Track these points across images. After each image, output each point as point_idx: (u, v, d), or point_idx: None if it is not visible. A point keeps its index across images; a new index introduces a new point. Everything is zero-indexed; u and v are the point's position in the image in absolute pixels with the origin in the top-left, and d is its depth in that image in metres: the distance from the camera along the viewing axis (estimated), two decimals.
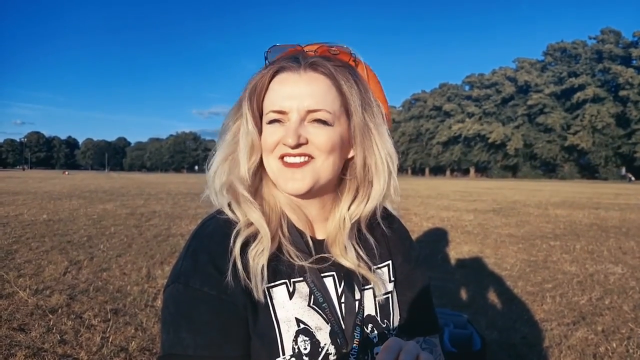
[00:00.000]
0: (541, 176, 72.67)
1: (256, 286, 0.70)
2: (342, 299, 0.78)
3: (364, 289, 0.81)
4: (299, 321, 0.73)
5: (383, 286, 0.84)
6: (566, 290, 3.79)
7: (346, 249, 0.79)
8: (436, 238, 6.41)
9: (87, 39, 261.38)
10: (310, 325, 0.74)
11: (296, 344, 0.72)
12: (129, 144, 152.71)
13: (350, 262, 0.79)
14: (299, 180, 0.72)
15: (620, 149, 65.20)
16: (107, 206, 9.83)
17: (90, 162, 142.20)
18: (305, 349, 0.72)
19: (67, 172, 56.74)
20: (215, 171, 0.78)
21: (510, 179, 69.74)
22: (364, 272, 0.80)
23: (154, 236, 5.95)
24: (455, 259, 5.03)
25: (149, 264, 4.33)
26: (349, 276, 0.80)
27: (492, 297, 3.62)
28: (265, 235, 0.73)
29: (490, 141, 76.42)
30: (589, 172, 68.57)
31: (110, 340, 2.52)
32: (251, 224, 0.74)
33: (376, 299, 0.83)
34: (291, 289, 0.75)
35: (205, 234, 0.75)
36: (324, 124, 0.72)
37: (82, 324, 2.73)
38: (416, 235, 6.40)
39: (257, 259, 0.71)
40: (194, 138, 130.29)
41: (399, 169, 0.80)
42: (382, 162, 0.76)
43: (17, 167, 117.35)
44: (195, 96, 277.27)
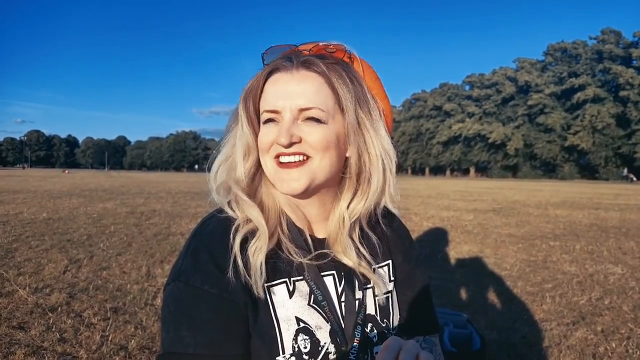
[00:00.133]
0: (541, 176, 72.59)
1: (256, 283, 0.70)
2: (342, 298, 0.78)
3: (364, 288, 0.81)
4: (299, 320, 0.73)
5: (383, 286, 0.84)
6: (566, 290, 3.79)
7: (347, 248, 0.79)
8: (436, 238, 6.41)
9: (88, 38, 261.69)
10: (310, 324, 0.74)
11: (296, 342, 0.72)
12: (129, 142, 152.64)
13: (351, 261, 0.79)
14: (294, 180, 0.72)
15: (621, 150, 65.14)
16: (107, 205, 9.83)
17: (90, 161, 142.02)
18: (305, 347, 0.72)
19: (67, 171, 56.66)
20: (215, 172, 0.79)
21: (510, 179, 69.69)
22: (364, 271, 0.80)
23: (154, 235, 5.95)
24: (455, 258, 5.03)
25: (148, 262, 4.33)
26: (350, 275, 0.80)
27: (492, 296, 3.62)
28: (263, 231, 0.73)
29: (490, 141, 76.33)
30: (589, 172, 68.50)
31: (110, 338, 2.52)
32: (250, 220, 0.74)
33: (376, 299, 0.83)
34: (291, 287, 0.75)
35: (205, 232, 0.75)
36: (317, 122, 0.72)
37: (82, 323, 2.73)
38: (416, 235, 6.40)
39: (255, 255, 0.71)
40: (194, 137, 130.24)
41: (399, 169, 0.80)
42: (377, 159, 0.76)
43: (17, 165, 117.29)
44: (196, 95, 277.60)
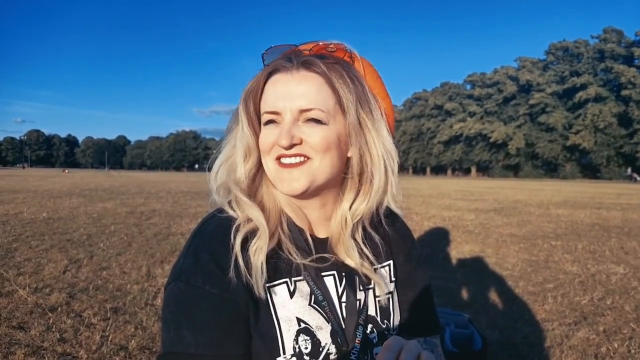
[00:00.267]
0: (543, 176, 72.57)
1: (256, 283, 0.69)
2: (342, 299, 0.78)
3: (365, 288, 0.81)
4: (299, 320, 0.73)
5: (385, 286, 0.83)
6: (567, 290, 3.77)
7: (350, 249, 0.78)
8: (437, 237, 6.39)
9: (88, 37, 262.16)
10: (311, 325, 0.73)
11: (297, 343, 0.71)
12: (129, 142, 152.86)
13: (353, 262, 0.78)
14: (295, 181, 0.72)
15: (622, 149, 65.08)
16: (107, 205, 9.83)
17: (90, 161, 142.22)
18: (306, 348, 0.72)
19: (67, 171, 56.81)
20: (216, 172, 0.79)
21: (512, 178, 69.72)
22: (366, 272, 0.80)
23: (154, 235, 5.95)
24: (456, 258, 5.02)
25: (149, 262, 4.33)
26: (351, 275, 0.80)
27: (493, 296, 3.61)
28: (264, 231, 0.72)
29: (491, 140, 76.31)
30: (591, 171, 68.47)
31: (109, 338, 2.51)
32: (250, 220, 0.74)
33: (377, 299, 0.82)
34: (292, 288, 0.74)
35: (206, 232, 0.75)
36: (318, 123, 0.72)
37: (82, 323, 2.72)
38: (417, 235, 6.39)
39: (256, 255, 0.70)
40: (194, 137, 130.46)
41: (400, 168, 0.80)
42: (379, 159, 0.76)
43: (17, 165, 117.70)
44: (196, 95, 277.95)
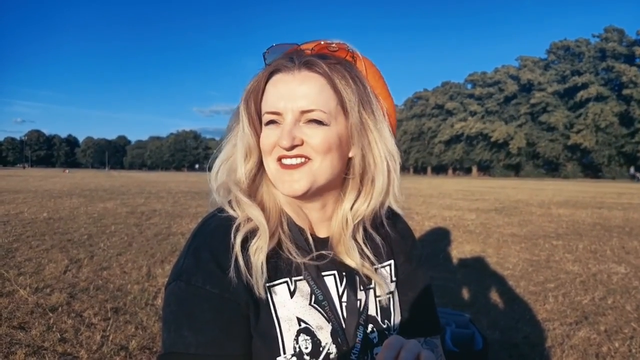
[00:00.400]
0: (544, 175, 72.48)
1: (257, 282, 0.69)
2: (343, 298, 0.77)
3: (366, 288, 0.81)
4: (300, 320, 0.73)
5: (385, 286, 0.83)
6: (569, 289, 3.77)
7: (350, 249, 0.78)
8: (438, 237, 6.39)
9: (88, 36, 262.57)
10: (311, 325, 0.73)
11: (297, 343, 0.71)
12: (129, 142, 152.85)
13: (354, 262, 0.78)
14: (295, 182, 0.72)
15: (624, 148, 64.97)
16: (108, 205, 9.84)
17: (90, 161, 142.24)
18: (307, 348, 0.71)
19: (67, 171, 56.87)
20: (216, 172, 0.79)
21: (513, 178, 69.65)
22: (367, 272, 0.80)
23: (154, 235, 5.95)
24: (457, 258, 5.01)
25: (149, 262, 4.33)
26: (351, 275, 0.79)
27: (494, 296, 3.60)
28: (264, 231, 0.72)
29: (492, 140, 76.19)
30: (592, 171, 68.38)
31: (110, 338, 2.51)
32: (250, 220, 0.74)
33: (377, 299, 0.82)
34: (292, 287, 0.74)
35: (207, 231, 0.74)
36: (319, 124, 0.71)
37: (82, 323, 2.72)
38: (418, 235, 6.38)
39: (256, 254, 0.70)
40: (195, 136, 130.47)
41: (401, 168, 0.79)
42: (381, 160, 0.75)
43: (18, 165, 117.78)
44: (197, 94, 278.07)
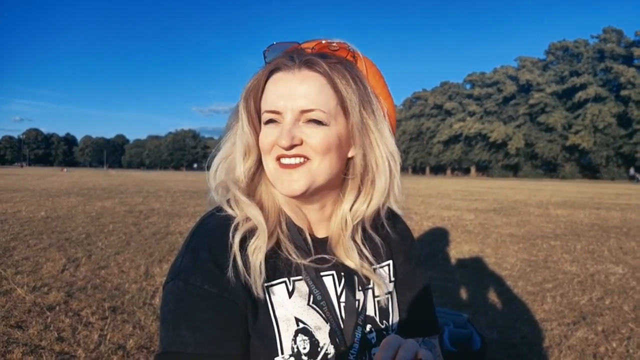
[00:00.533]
0: (542, 176, 72.62)
1: (255, 282, 0.69)
2: (341, 299, 0.77)
3: (365, 288, 0.80)
4: (298, 320, 0.72)
5: (384, 286, 0.83)
6: (566, 290, 3.77)
7: (349, 250, 0.78)
8: (436, 237, 6.39)
9: (87, 35, 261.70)
10: (309, 325, 0.73)
11: (295, 343, 0.71)
12: (127, 141, 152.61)
13: (353, 263, 0.78)
14: (294, 182, 0.71)
15: (622, 149, 65.16)
16: (106, 204, 9.81)
17: (88, 160, 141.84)
18: (305, 348, 0.71)
19: (65, 170, 56.74)
20: (215, 170, 0.78)
21: (511, 178, 69.74)
22: (366, 273, 0.79)
23: (152, 234, 5.94)
24: (455, 258, 5.01)
25: (147, 261, 4.32)
26: (350, 276, 0.79)
27: (493, 296, 3.61)
28: (263, 230, 0.72)
29: (491, 140, 76.32)
30: (590, 172, 68.54)
31: (108, 338, 2.51)
32: (249, 219, 0.73)
33: (376, 299, 0.82)
34: (290, 287, 0.74)
35: (205, 230, 0.74)
36: (318, 124, 0.71)
37: (80, 322, 2.71)
38: (417, 235, 6.38)
39: (255, 254, 0.70)
40: (193, 136, 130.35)
41: (400, 168, 0.79)
42: (382, 161, 0.75)
43: (16, 164, 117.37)
44: (196, 93, 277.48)
